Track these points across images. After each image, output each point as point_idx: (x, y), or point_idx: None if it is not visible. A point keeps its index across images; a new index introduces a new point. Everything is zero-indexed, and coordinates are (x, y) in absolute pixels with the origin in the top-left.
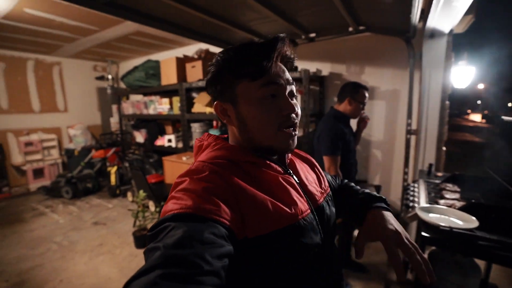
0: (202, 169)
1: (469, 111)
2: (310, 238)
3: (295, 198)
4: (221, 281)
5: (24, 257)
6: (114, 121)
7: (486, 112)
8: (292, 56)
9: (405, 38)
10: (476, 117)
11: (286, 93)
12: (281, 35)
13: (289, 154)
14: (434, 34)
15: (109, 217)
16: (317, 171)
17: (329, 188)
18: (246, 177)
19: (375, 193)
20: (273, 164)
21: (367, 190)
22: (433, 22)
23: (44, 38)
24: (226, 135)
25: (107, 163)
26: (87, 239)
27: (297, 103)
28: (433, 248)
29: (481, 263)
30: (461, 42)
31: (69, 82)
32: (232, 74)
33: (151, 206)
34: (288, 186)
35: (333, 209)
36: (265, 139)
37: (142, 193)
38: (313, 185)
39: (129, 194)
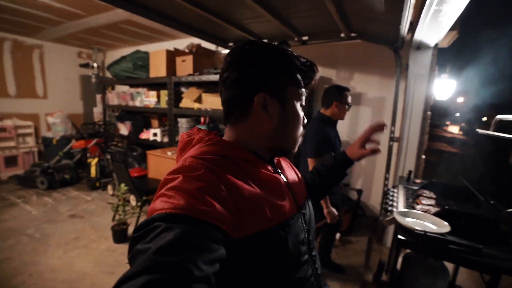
0: (197, 167)
1: (448, 122)
2: (296, 236)
3: (285, 196)
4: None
5: None
6: (97, 111)
7: (463, 124)
8: None
9: (393, 48)
10: (454, 129)
11: None
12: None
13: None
14: (421, 46)
15: (87, 210)
16: (297, 172)
17: (306, 190)
18: (240, 175)
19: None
20: (265, 163)
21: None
22: (420, 34)
23: (24, 18)
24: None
25: (88, 154)
26: (62, 232)
27: None
28: (407, 251)
29: (449, 267)
30: (445, 56)
31: (50, 67)
32: (288, 75)
33: (132, 200)
34: (278, 185)
35: (312, 209)
36: (291, 141)
37: (123, 187)
38: (297, 185)
39: (109, 187)
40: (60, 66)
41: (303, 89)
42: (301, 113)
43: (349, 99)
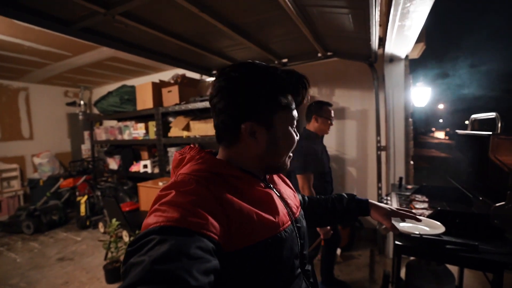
0: (188, 182)
1: (433, 129)
2: (290, 249)
3: (278, 210)
4: None
5: None
6: (85, 148)
7: (448, 129)
8: None
9: (368, 62)
10: (440, 135)
11: None
12: (305, 76)
13: None
14: (393, 59)
15: (76, 251)
16: (291, 187)
17: (300, 207)
18: (231, 190)
19: (342, 194)
20: (256, 179)
21: (333, 196)
22: (390, 48)
23: (10, 63)
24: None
25: (77, 193)
26: (50, 278)
27: None
28: (411, 259)
29: (454, 271)
30: (417, 66)
31: (36, 108)
32: (275, 102)
33: (125, 236)
34: (271, 199)
35: (305, 223)
36: (280, 161)
37: (114, 222)
38: (291, 199)
39: (100, 225)
40: (46, 106)
41: (294, 111)
42: (292, 134)
43: (330, 113)
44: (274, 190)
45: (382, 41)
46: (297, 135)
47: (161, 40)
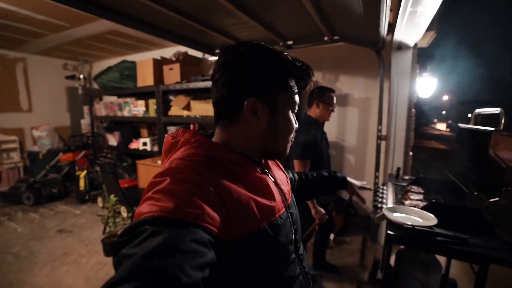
0: (184, 169)
1: (435, 120)
2: (285, 236)
3: (274, 196)
4: None
5: None
6: (85, 123)
7: (450, 121)
8: None
9: (375, 49)
10: (442, 126)
11: None
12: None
13: None
14: (401, 46)
15: (76, 224)
16: (283, 172)
17: (291, 190)
18: (228, 175)
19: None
20: (252, 164)
21: (322, 172)
22: (399, 35)
23: (6, 31)
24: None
25: (76, 167)
26: (50, 248)
27: None
28: (401, 247)
29: (442, 261)
30: (425, 56)
31: (35, 80)
32: (281, 82)
33: (123, 212)
34: (267, 185)
35: (297, 208)
36: (281, 146)
37: (113, 198)
38: (284, 185)
39: (99, 199)
40: (45, 78)
41: (296, 96)
42: (292, 120)
43: (332, 99)
44: (270, 175)
45: (391, 27)
46: (296, 124)
47: (162, 14)
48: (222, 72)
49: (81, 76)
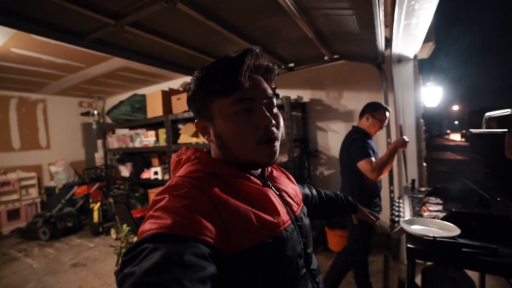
0: (182, 185)
1: (449, 131)
2: (292, 249)
3: (277, 209)
4: None
5: None
6: (98, 156)
7: (464, 131)
8: (270, 66)
9: (376, 63)
10: (456, 137)
11: (263, 106)
12: (251, 47)
13: (269, 167)
14: (401, 59)
15: (89, 257)
16: (293, 184)
17: (302, 202)
18: (227, 190)
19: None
20: (252, 177)
21: (339, 195)
22: (397, 48)
23: (30, 76)
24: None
25: (90, 200)
26: (64, 283)
27: (278, 114)
28: (427, 264)
29: (475, 277)
30: (427, 66)
31: (53, 118)
32: (206, 92)
33: None
34: (269, 197)
35: (308, 221)
36: (245, 154)
37: (125, 227)
38: (291, 197)
39: (112, 231)
40: (62, 116)
41: (234, 94)
42: (235, 120)
43: (384, 117)
44: (273, 188)
45: (389, 41)
46: (267, 121)
47: (168, 48)
48: None
49: (95, 112)
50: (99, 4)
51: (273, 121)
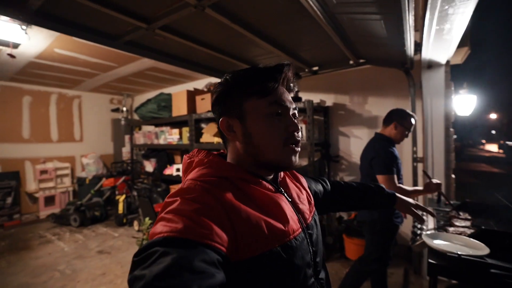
0: (194, 188)
1: (483, 141)
2: (301, 258)
3: (288, 217)
4: None
5: (26, 285)
6: (125, 150)
7: (502, 142)
8: (294, 85)
9: (404, 69)
10: (493, 147)
11: (290, 114)
12: (286, 62)
13: (282, 173)
14: (432, 65)
15: (114, 246)
16: (306, 190)
17: (314, 208)
18: (239, 195)
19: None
20: (264, 182)
21: (367, 184)
22: (428, 54)
23: (68, 74)
24: (217, 152)
25: (116, 192)
26: (90, 268)
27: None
28: (452, 282)
29: None
30: (461, 73)
31: (86, 114)
32: (242, 91)
33: None
34: (280, 204)
35: (319, 228)
36: (271, 154)
37: (147, 220)
38: (304, 204)
39: (135, 223)
40: (95, 112)
41: (270, 97)
42: (274, 122)
43: (411, 126)
44: (285, 194)
45: (419, 46)
46: (295, 126)
47: (195, 50)
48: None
49: (124, 108)
50: (132, 9)
51: (299, 128)
